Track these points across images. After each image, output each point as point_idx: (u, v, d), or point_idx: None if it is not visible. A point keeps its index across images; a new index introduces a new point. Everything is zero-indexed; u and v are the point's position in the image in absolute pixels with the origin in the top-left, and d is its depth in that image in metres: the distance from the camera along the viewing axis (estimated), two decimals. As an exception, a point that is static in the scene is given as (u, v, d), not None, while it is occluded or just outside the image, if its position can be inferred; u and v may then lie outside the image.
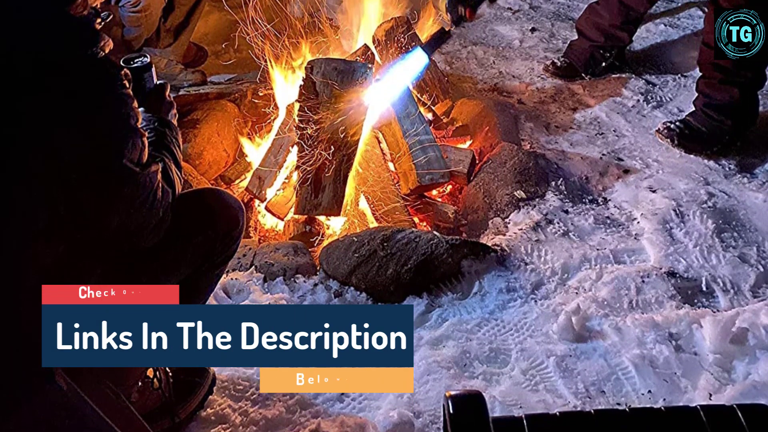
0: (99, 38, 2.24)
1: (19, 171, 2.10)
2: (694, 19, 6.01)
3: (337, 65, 3.93)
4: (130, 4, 4.82)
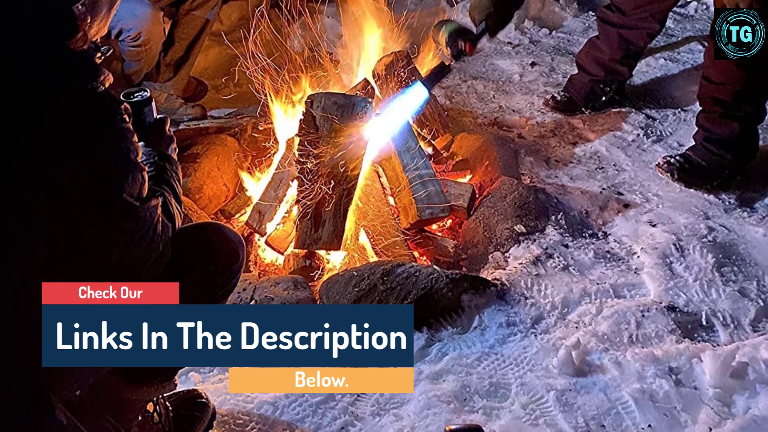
0: (99, 72, 2.27)
1: (19, 205, 2.12)
2: (694, 53, 6.05)
3: (337, 99, 3.96)
4: (130, 38, 4.86)
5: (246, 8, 6.51)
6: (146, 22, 4.86)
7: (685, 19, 6.74)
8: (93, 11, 2.34)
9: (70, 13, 2.26)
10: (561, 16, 6.93)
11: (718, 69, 4.38)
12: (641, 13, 5.01)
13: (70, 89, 2.20)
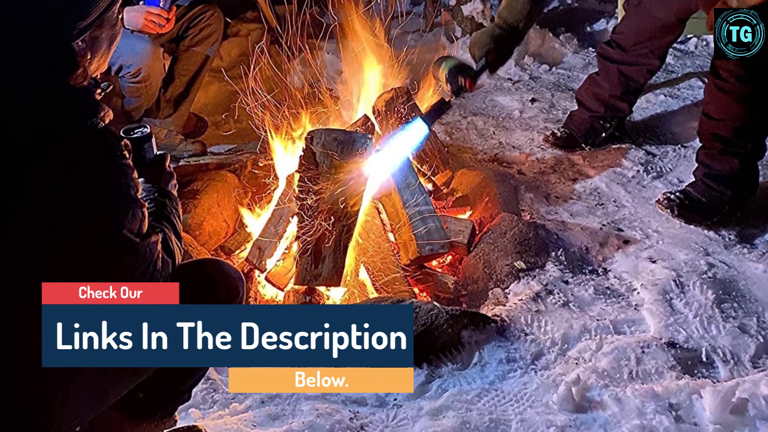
0: (99, 108, 2.29)
1: (19, 242, 2.13)
2: (694, 89, 6.08)
3: (337, 135, 3.98)
4: (130, 74, 4.90)
5: (246, 44, 6.57)
6: (146, 58, 4.91)
7: (685, 55, 6.77)
8: (93, 47, 2.37)
9: (71, 49, 2.29)
10: (561, 53, 6.97)
11: (718, 105, 4.40)
12: (641, 50, 5.04)
13: (70, 125, 2.21)
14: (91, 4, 2.29)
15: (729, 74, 4.24)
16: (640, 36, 5.02)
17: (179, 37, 5.29)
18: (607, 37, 5.53)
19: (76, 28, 2.28)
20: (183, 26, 5.25)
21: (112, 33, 2.46)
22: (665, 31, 4.95)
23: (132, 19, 4.77)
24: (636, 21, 5.03)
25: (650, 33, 4.97)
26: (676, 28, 4.97)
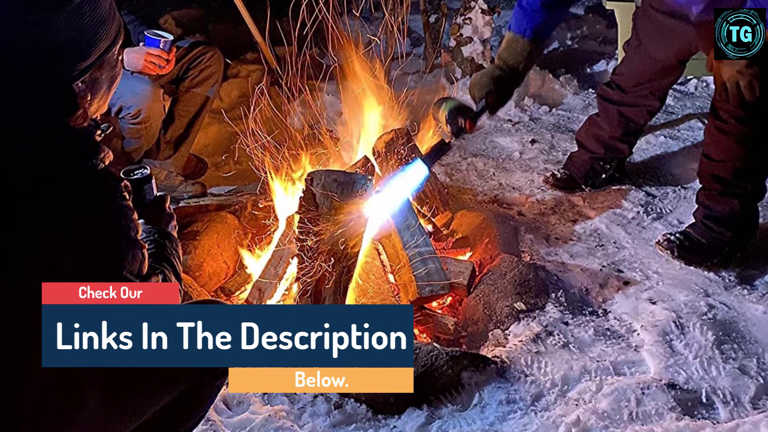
0: (99, 150, 2.30)
1: (18, 283, 2.14)
2: (694, 130, 6.11)
3: (337, 177, 3.99)
4: (130, 115, 4.93)
5: (246, 86, 6.61)
6: (146, 99, 4.93)
7: (685, 96, 6.81)
8: (93, 89, 2.39)
9: (71, 91, 2.31)
10: (561, 94, 7.00)
11: (719, 146, 4.43)
12: (641, 91, 5.08)
13: (70, 166, 2.23)
14: (91, 46, 2.31)
15: (729, 115, 4.27)
16: (640, 77, 5.05)
17: (179, 78, 5.32)
18: (607, 78, 5.56)
19: (77, 69, 2.30)
20: (183, 67, 5.28)
21: (112, 74, 2.48)
22: (665, 72, 4.99)
23: (132, 60, 4.81)
24: (636, 62, 5.07)
25: (650, 74, 5.01)
26: (676, 70, 5.01)
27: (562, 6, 4.38)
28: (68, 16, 2.25)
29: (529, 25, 4.24)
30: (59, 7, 2.23)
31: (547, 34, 4.37)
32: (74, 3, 2.25)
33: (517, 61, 4.23)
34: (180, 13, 8.47)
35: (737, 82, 4.07)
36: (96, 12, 2.32)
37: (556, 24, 4.57)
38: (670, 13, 4.57)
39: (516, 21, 4.29)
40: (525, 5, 4.27)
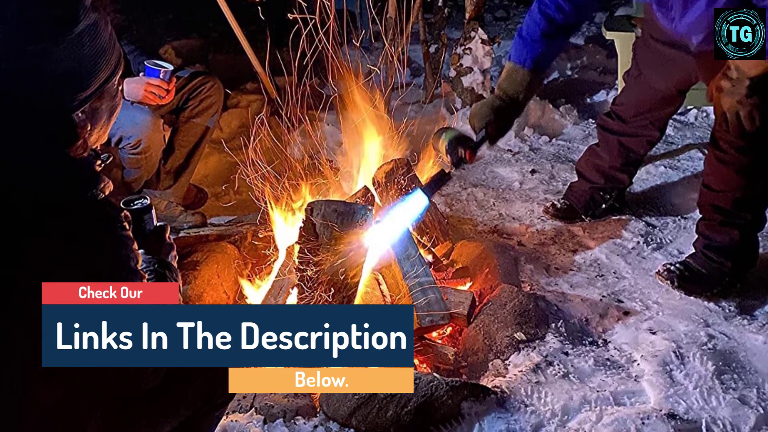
0: (99, 180, 2.31)
1: (19, 313, 2.14)
2: (694, 161, 6.14)
3: (337, 207, 4.00)
4: (130, 145, 4.95)
5: (246, 116, 6.64)
6: (146, 129, 4.95)
7: (685, 126, 6.85)
8: (93, 119, 2.39)
9: (71, 121, 2.31)
10: (561, 124, 7.03)
11: (719, 176, 4.44)
12: (641, 121, 5.11)
13: (70, 197, 2.23)
14: (91, 76, 2.32)
15: (729, 145, 4.28)
16: (640, 107, 5.08)
17: (179, 108, 5.34)
18: (607, 108, 5.58)
19: (77, 99, 2.30)
20: (183, 97, 5.31)
21: (112, 104, 2.48)
22: (665, 102, 5.01)
23: (132, 90, 4.83)
24: (636, 92, 5.09)
25: (650, 104, 5.04)
26: (676, 100, 5.04)
27: (562, 36, 4.41)
28: (68, 46, 2.26)
29: (529, 55, 4.26)
30: (59, 37, 2.24)
31: (547, 64, 4.40)
32: (74, 33, 2.26)
33: (517, 91, 4.26)
34: (180, 43, 8.53)
35: (737, 113, 4.09)
36: (96, 42, 2.33)
37: (556, 54, 4.59)
38: (670, 43, 4.59)
39: (516, 51, 4.32)
40: (525, 35, 4.30)
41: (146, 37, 5.94)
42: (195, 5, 8.61)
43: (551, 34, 4.27)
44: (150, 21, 9.21)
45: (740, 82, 3.97)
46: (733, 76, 3.98)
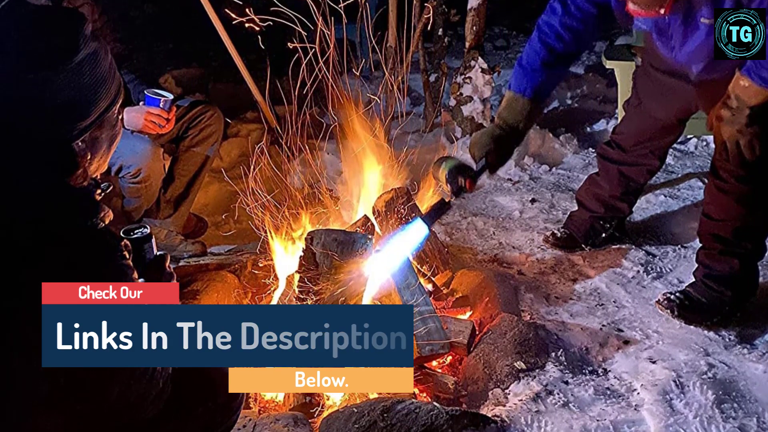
0: (99, 209, 2.33)
1: (19, 343, 2.16)
2: (694, 190, 6.16)
3: (337, 236, 4.02)
4: (130, 174, 4.95)
5: (246, 145, 6.66)
6: (146, 158, 4.96)
7: (685, 155, 6.87)
8: (93, 148, 2.41)
9: (71, 150, 2.33)
10: (561, 153, 7.05)
11: (719, 206, 4.46)
12: (641, 150, 5.12)
13: (70, 226, 2.25)
14: (91, 105, 2.34)
15: (729, 175, 4.30)
16: (640, 136, 5.09)
17: (179, 137, 5.36)
18: (607, 137, 5.59)
19: (76, 128, 2.32)
20: (183, 126, 5.33)
21: (112, 133, 2.50)
22: (665, 131, 5.03)
23: (132, 119, 4.85)
24: (636, 121, 5.11)
25: (650, 133, 5.05)
26: (676, 129, 5.06)
27: (562, 65, 4.44)
28: (68, 75, 2.28)
29: (529, 84, 4.29)
30: (59, 66, 2.26)
31: (547, 93, 4.42)
32: (74, 62, 2.28)
33: (517, 120, 4.28)
34: (180, 72, 8.57)
35: (737, 142, 4.11)
36: (96, 71, 2.35)
37: (556, 83, 4.62)
38: (670, 72, 4.62)
39: (516, 80, 4.35)
40: (525, 64, 4.33)
41: (146, 66, 5.99)
42: (195, 34, 8.64)
43: (551, 63, 4.30)
44: (150, 50, 9.29)
45: (740, 111, 3.99)
46: (733, 105, 4.01)
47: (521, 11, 11.42)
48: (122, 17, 9.99)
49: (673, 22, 4.07)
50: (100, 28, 5.08)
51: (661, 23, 4.15)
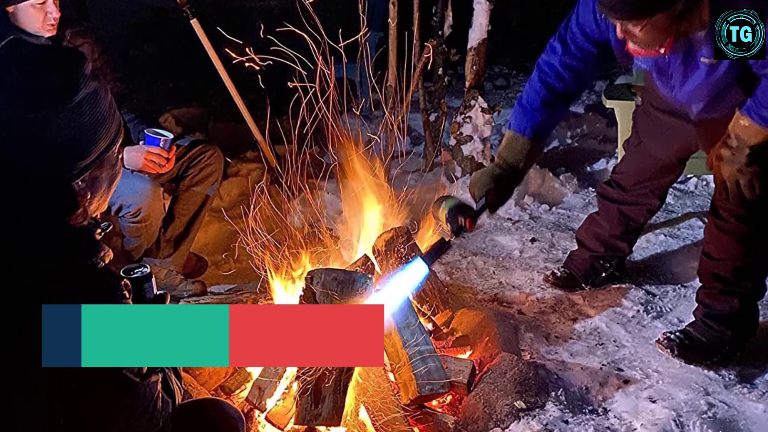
0: (99, 248, 2.35)
1: (19, 381, 2.18)
2: (694, 229, 6.18)
3: (337, 275, 4.03)
4: (130, 214, 4.97)
5: (246, 184, 6.67)
6: (146, 198, 4.98)
7: (685, 195, 6.90)
8: (93, 187, 2.43)
9: (71, 189, 2.35)
10: (561, 192, 7.07)
11: (719, 245, 4.48)
12: (641, 189, 5.15)
13: (70, 265, 2.27)
14: (91, 144, 2.36)
15: (729, 214, 4.32)
16: (640, 176, 5.12)
17: (179, 176, 5.38)
18: (607, 176, 5.61)
19: (77, 167, 2.34)
20: (183, 166, 5.35)
21: (112, 173, 2.52)
22: (665, 170, 5.06)
23: (132, 159, 4.87)
24: (636, 161, 5.14)
25: (650, 173, 5.08)
26: (676, 168, 5.08)
27: (562, 104, 4.47)
28: (68, 114, 2.30)
29: (529, 123, 4.32)
30: (59, 105, 2.29)
31: (547, 132, 4.45)
32: (74, 101, 2.31)
33: (517, 159, 4.30)
34: (180, 112, 8.60)
35: (737, 181, 4.13)
36: (96, 110, 2.37)
37: (556, 122, 4.64)
38: (670, 111, 4.65)
39: (516, 119, 4.38)
40: (525, 104, 4.36)
41: (146, 106, 6.00)
42: (195, 74, 8.69)
43: (551, 102, 4.33)
44: (150, 89, 9.35)
45: (740, 150, 4.01)
46: (733, 145, 4.03)
47: (521, 51, 11.47)
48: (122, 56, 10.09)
49: (673, 62, 4.10)
50: (101, 67, 5.12)
51: (661, 62, 4.18)
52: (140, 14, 12.71)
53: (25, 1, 4.48)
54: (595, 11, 4.11)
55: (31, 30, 4.58)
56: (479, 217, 4.17)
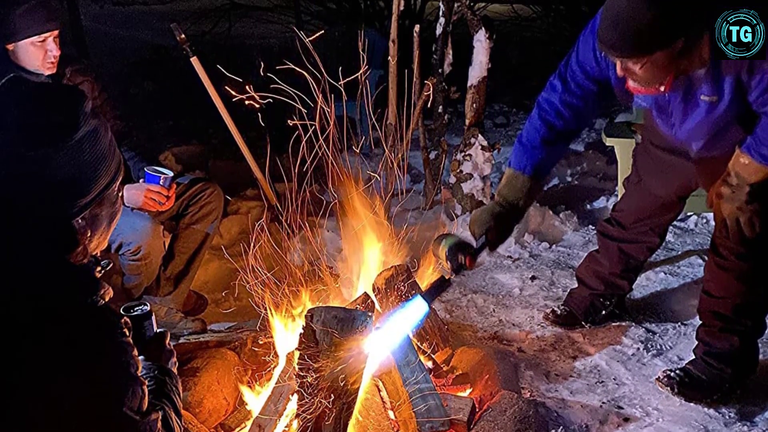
0: (99, 286, 2.37)
1: (19, 419, 2.19)
2: (694, 267, 6.19)
3: (337, 313, 4.03)
4: (130, 252, 4.98)
5: (246, 222, 6.69)
6: (146, 236, 4.99)
7: (684, 233, 6.92)
8: (93, 225, 2.46)
9: (71, 227, 2.38)
10: (561, 230, 7.10)
11: (719, 283, 4.49)
12: (641, 227, 5.17)
13: (70, 303, 2.29)
14: (91, 182, 2.39)
15: (729, 252, 4.34)
16: (640, 214, 5.14)
17: (179, 214, 5.41)
18: (607, 214, 5.62)
19: (77, 205, 2.37)
20: (183, 204, 5.38)
21: (112, 211, 2.54)
22: (665, 208, 5.08)
23: (132, 196, 4.89)
24: (636, 199, 5.16)
25: (650, 211, 5.10)
26: (676, 206, 5.10)
27: (562, 142, 4.49)
28: (68, 152, 2.33)
29: (529, 161, 4.34)
30: (59, 143, 2.32)
31: (547, 170, 4.48)
32: (74, 139, 2.33)
33: (517, 197, 4.33)
34: (180, 150, 8.65)
35: (737, 219, 4.16)
36: (96, 148, 2.40)
37: (556, 160, 4.67)
38: (670, 149, 4.68)
39: (516, 157, 4.40)
40: (525, 141, 4.39)
41: (146, 144, 6.03)
42: (195, 112, 8.75)
43: (551, 140, 4.36)
44: (150, 127, 9.40)
45: (740, 188, 4.04)
46: (733, 183, 4.05)
47: (521, 89, 11.54)
48: (122, 94, 10.15)
49: (673, 100, 4.12)
50: (100, 105, 5.15)
51: (661, 100, 4.21)
52: (140, 52, 12.80)
53: (25, 39, 4.51)
54: (595, 49, 4.13)
55: (31, 68, 4.61)
56: (479, 255, 4.20)
